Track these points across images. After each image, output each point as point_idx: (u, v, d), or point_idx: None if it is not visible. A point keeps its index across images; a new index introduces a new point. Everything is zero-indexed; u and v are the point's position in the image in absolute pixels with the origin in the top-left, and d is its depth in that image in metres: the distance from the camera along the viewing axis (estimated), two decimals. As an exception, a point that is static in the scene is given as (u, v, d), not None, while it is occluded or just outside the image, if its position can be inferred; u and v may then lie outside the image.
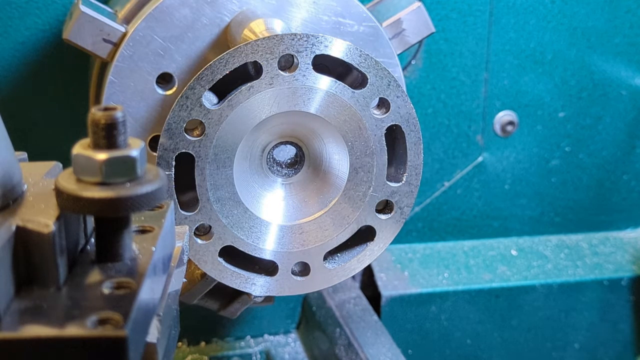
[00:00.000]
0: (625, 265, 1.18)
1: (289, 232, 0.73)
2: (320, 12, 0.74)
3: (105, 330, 0.36)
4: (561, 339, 1.18)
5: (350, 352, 0.95)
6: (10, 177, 0.43)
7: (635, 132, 1.18)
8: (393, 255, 1.15)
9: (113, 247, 0.42)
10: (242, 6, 0.73)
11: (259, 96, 0.67)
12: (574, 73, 1.12)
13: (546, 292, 1.14)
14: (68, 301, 0.39)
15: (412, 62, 1.07)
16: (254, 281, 0.74)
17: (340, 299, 1.05)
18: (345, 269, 0.75)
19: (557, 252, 1.19)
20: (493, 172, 1.15)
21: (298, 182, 0.74)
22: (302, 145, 0.73)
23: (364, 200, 0.73)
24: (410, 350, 1.12)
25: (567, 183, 1.18)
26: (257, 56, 0.66)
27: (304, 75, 0.68)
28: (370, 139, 0.71)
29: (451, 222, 1.17)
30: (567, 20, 1.10)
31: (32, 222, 0.40)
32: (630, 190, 1.21)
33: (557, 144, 1.16)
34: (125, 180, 0.40)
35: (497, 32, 1.08)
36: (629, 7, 1.11)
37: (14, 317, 0.37)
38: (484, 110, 1.11)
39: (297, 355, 1.08)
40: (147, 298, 0.41)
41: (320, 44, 0.67)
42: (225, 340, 1.10)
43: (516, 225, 1.19)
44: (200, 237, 0.71)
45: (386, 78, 0.69)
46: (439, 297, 1.11)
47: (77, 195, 0.39)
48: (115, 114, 0.40)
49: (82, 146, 0.40)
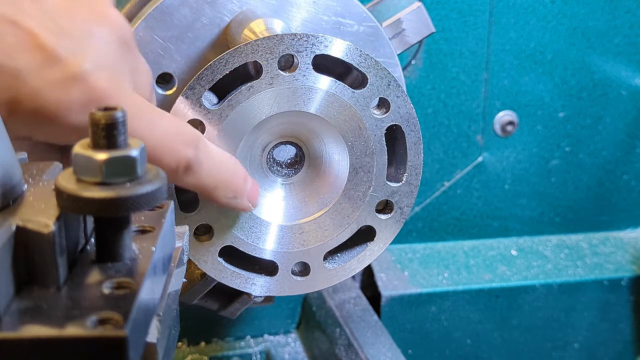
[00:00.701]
0: (625, 265, 1.18)
1: (289, 232, 0.73)
2: (320, 12, 0.74)
3: (105, 330, 0.36)
4: (561, 339, 1.18)
5: (350, 352, 0.95)
6: (10, 177, 0.43)
7: (635, 132, 1.18)
8: (393, 255, 1.15)
9: (113, 247, 0.42)
10: (242, 6, 0.73)
11: (259, 96, 0.67)
12: (574, 73, 1.13)
13: (546, 292, 1.14)
14: (68, 301, 0.39)
15: (412, 62, 1.07)
16: (254, 281, 0.74)
17: (340, 299, 1.05)
18: (345, 269, 0.75)
19: (557, 252, 1.19)
20: (493, 172, 1.15)
21: (298, 182, 0.74)
22: (302, 145, 0.73)
23: (364, 200, 0.73)
24: (410, 350, 1.12)
25: (567, 183, 1.18)
26: (257, 56, 0.66)
27: (304, 75, 0.68)
28: (370, 139, 0.71)
29: (451, 222, 1.17)
30: (567, 20, 1.10)
31: (32, 222, 0.40)
32: (630, 190, 1.21)
33: (557, 144, 1.16)
34: (125, 180, 0.40)
35: (497, 32, 1.08)
36: (629, 7, 1.11)
37: (14, 317, 0.37)
38: (484, 110, 1.11)
39: (297, 355, 1.08)
40: (147, 298, 0.41)
41: (320, 44, 0.67)
42: (225, 340, 1.10)
43: (516, 225, 1.19)
44: (200, 237, 0.71)
45: (386, 78, 0.69)
46: (439, 297, 1.11)
47: (77, 195, 0.39)
48: (115, 114, 0.40)
49: (82, 146, 0.40)
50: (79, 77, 0.54)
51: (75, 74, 0.54)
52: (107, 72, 0.56)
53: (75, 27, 0.55)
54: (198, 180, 0.63)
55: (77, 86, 0.54)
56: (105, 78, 0.56)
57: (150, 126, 0.59)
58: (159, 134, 0.59)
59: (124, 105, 0.56)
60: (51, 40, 0.54)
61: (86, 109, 0.54)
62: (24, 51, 0.53)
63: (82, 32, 0.55)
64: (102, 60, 0.56)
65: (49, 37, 0.54)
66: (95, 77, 0.55)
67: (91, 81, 0.55)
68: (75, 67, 0.54)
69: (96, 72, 0.55)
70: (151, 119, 0.60)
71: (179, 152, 0.60)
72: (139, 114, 0.58)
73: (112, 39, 0.57)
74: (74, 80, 0.54)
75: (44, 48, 0.53)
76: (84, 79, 0.54)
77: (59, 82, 0.54)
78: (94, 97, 0.55)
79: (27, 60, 0.53)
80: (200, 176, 0.63)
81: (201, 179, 0.63)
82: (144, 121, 0.59)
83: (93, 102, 0.55)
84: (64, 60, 0.54)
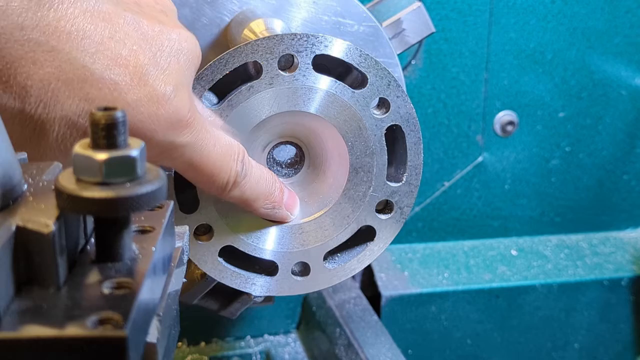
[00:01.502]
0: (625, 265, 1.18)
1: (289, 232, 0.73)
2: (320, 12, 0.74)
3: (105, 330, 0.36)
4: (561, 339, 1.18)
5: (350, 352, 0.95)
6: (10, 177, 0.43)
7: (635, 132, 1.18)
8: (393, 255, 1.15)
9: (113, 247, 0.42)
10: (242, 6, 0.73)
11: (259, 96, 0.67)
12: (574, 73, 1.13)
13: (546, 292, 1.15)
14: (68, 301, 0.39)
15: (412, 62, 1.07)
16: (254, 281, 0.74)
17: (340, 299, 1.06)
18: (345, 269, 0.75)
19: (557, 252, 1.19)
20: (493, 172, 1.15)
21: (298, 182, 0.74)
22: (302, 145, 0.73)
23: (364, 200, 0.73)
24: (410, 350, 1.12)
25: (567, 183, 1.18)
26: (257, 56, 0.66)
27: (304, 75, 0.68)
28: (370, 139, 0.71)
29: (451, 222, 1.17)
30: (567, 20, 1.10)
31: (32, 222, 0.40)
32: (630, 190, 1.21)
33: (557, 144, 1.16)
34: (125, 180, 0.40)
35: (497, 32, 1.08)
36: (629, 7, 1.11)
37: (14, 317, 0.37)
38: (484, 110, 1.11)
39: (297, 355, 1.08)
40: (147, 298, 0.41)
41: (320, 44, 0.67)
42: (225, 340, 1.10)
43: (516, 225, 1.19)
44: (200, 237, 0.71)
45: (386, 78, 0.69)
46: (439, 297, 1.11)
47: (77, 195, 0.39)
48: (115, 114, 0.40)
49: (82, 146, 0.40)
50: (167, 99, 0.56)
51: (163, 96, 0.56)
52: (187, 95, 0.58)
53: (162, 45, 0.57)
54: (242, 193, 0.65)
55: (166, 107, 0.56)
56: (186, 101, 0.58)
57: (216, 144, 0.61)
58: (220, 151, 0.62)
59: (199, 129, 0.59)
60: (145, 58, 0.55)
61: (171, 129, 0.57)
62: (121, 66, 0.54)
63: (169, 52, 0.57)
64: (183, 83, 0.58)
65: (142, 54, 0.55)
66: (179, 99, 0.57)
67: (176, 103, 0.57)
68: (163, 89, 0.56)
69: (179, 94, 0.57)
70: (217, 136, 0.62)
71: (231, 168, 0.63)
72: (207, 138, 0.61)
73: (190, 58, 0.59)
74: (163, 101, 0.56)
75: (137, 64, 0.55)
76: (171, 100, 0.56)
77: (151, 100, 0.55)
78: (179, 119, 0.57)
79: (124, 77, 0.54)
80: (245, 190, 0.65)
81: (245, 192, 0.66)
82: (212, 139, 0.61)
83: (179, 123, 0.57)
84: (152, 81, 0.55)
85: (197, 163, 0.61)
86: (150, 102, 0.55)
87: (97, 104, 0.53)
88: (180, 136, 0.58)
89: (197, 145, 0.60)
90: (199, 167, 0.61)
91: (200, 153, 0.60)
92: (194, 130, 0.59)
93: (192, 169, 0.61)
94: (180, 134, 0.58)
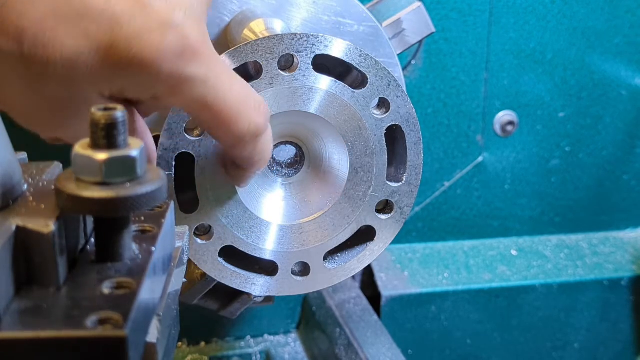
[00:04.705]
0: (625, 265, 1.18)
1: (289, 232, 0.73)
2: (320, 12, 0.74)
3: (105, 330, 0.36)
4: (561, 339, 1.18)
5: (350, 352, 0.95)
6: (10, 177, 0.43)
7: (635, 132, 1.18)
8: (393, 255, 1.15)
9: (113, 247, 0.42)
10: (242, 6, 0.73)
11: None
12: (574, 73, 1.13)
13: (546, 292, 1.14)
14: (68, 301, 0.39)
15: (412, 62, 1.07)
16: (254, 281, 0.74)
17: (340, 299, 1.05)
18: (345, 269, 0.75)
19: (557, 252, 1.19)
20: (493, 172, 1.15)
21: (298, 182, 0.74)
22: (302, 145, 0.73)
23: (364, 200, 0.73)
24: (410, 350, 1.12)
25: (567, 183, 1.18)
26: (257, 56, 0.66)
27: (304, 75, 0.68)
28: (370, 139, 0.71)
29: (451, 222, 1.17)
30: (567, 20, 1.10)
31: (32, 222, 0.40)
32: (630, 190, 1.21)
33: (557, 144, 1.16)
34: (125, 180, 0.40)
35: (497, 32, 1.08)
36: (629, 7, 1.11)
37: (14, 317, 0.37)
38: (484, 110, 1.11)
39: (297, 355, 1.08)
40: (147, 298, 0.41)
41: (320, 44, 0.67)
42: (225, 340, 1.10)
43: (516, 225, 1.19)
44: (200, 237, 0.71)
45: (386, 78, 0.69)
46: (439, 297, 1.11)
47: (77, 195, 0.39)
48: (115, 114, 0.40)
49: (81, 146, 0.40)
50: (174, 25, 0.53)
51: (169, 22, 0.53)
52: (197, 23, 0.55)
53: None
54: (255, 151, 0.62)
55: (172, 33, 0.53)
56: (196, 29, 0.55)
57: (233, 85, 0.58)
58: (237, 94, 0.58)
59: (211, 61, 0.56)
60: None
61: (179, 58, 0.53)
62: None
63: None
64: (193, 10, 0.55)
65: None
66: (188, 26, 0.54)
67: (185, 30, 0.54)
68: (170, 14, 0.53)
69: (189, 21, 0.54)
70: (234, 77, 0.59)
71: (250, 116, 0.59)
72: (222, 75, 0.57)
73: None
74: (169, 27, 0.53)
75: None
76: (178, 26, 0.53)
77: (155, 28, 0.52)
78: (187, 47, 0.54)
79: (124, 6, 0.52)
80: (260, 148, 0.62)
81: (259, 151, 0.62)
82: (227, 82, 0.57)
83: (186, 52, 0.54)
84: (157, 7, 0.53)
85: (211, 102, 0.56)
86: (154, 31, 0.52)
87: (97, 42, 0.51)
88: (189, 66, 0.54)
89: (210, 81, 0.56)
90: (214, 108, 0.57)
91: (215, 91, 0.56)
92: (204, 61, 0.55)
93: (206, 110, 0.57)
94: (189, 63, 0.54)
